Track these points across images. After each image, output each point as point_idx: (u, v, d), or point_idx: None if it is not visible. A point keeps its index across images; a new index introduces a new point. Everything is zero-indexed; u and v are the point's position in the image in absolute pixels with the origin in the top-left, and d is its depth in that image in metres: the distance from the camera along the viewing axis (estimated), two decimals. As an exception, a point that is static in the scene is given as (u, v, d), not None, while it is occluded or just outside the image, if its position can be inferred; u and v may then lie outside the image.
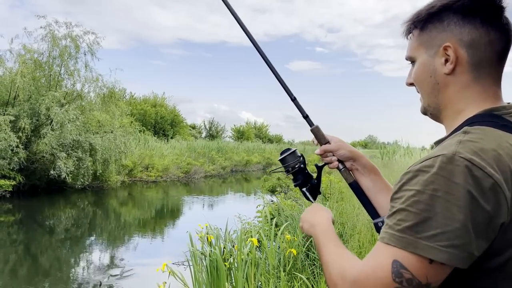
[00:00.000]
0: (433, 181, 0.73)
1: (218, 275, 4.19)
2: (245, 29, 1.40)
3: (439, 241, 0.71)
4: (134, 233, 10.27)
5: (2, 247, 8.28)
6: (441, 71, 0.88)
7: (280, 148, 43.60)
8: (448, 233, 0.71)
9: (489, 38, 0.85)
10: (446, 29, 0.87)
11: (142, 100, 37.35)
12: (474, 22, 0.85)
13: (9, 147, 13.45)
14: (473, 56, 0.85)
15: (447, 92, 0.89)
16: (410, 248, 0.72)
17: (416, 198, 0.74)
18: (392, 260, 0.74)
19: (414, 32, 0.93)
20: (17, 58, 15.96)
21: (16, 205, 13.17)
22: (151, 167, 21.38)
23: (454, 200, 0.71)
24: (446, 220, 0.71)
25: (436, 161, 0.75)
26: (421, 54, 0.92)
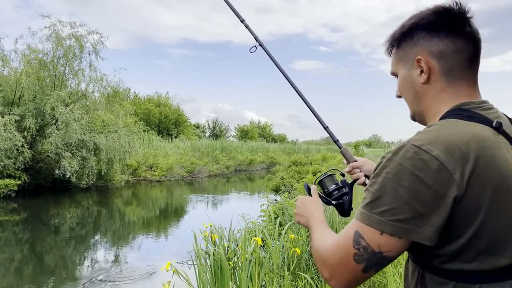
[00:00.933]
0: (387, 165, 0.87)
1: (222, 274, 4.20)
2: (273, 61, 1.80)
3: (387, 216, 0.84)
4: (138, 232, 10.30)
5: (8, 246, 8.33)
6: (418, 81, 1.00)
7: (284, 147, 43.60)
8: (394, 209, 0.83)
9: (455, 47, 0.95)
10: (417, 44, 0.99)
11: (146, 99, 37.44)
12: (439, 34, 0.96)
13: (15, 147, 13.52)
14: (443, 64, 0.96)
15: (426, 99, 1.00)
16: (366, 221, 0.87)
17: (374, 180, 0.88)
18: (354, 230, 0.89)
19: (393, 50, 1.07)
20: (22, 58, 16.04)
21: (22, 204, 13.25)
22: (155, 167, 21.43)
23: (401, 181, 0.83)
24: (393, 199, 0.84)
25: (394, 149, 0.88)
26: (401, 68, 1.05)
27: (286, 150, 41.54)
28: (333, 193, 1.36)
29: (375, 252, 0.86)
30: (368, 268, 0.88)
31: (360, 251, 0.87)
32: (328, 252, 0.94)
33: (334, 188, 1.36)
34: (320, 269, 0.97)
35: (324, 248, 0.96)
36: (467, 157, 0.83)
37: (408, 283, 0.99)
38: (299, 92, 1.71)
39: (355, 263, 0.88)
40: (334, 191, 1.36)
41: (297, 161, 20.50)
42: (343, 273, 0.91)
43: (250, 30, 1.86)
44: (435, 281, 0.90)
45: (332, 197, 1.35)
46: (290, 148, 43.96)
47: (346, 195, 1.36)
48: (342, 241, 0.91)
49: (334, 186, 1.36)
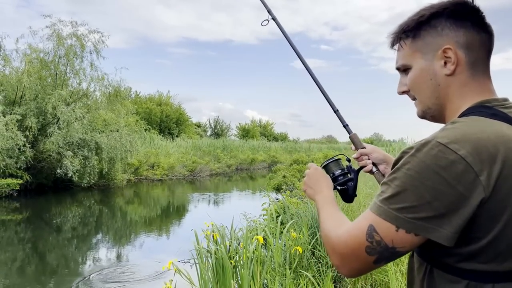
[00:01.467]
0: (409, 161, 0.84)
1: (224, 273, 4.21)
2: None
3: (406, 213, 0.82)
4: (140, 231, 10.31)
5: (10, 245, 8.35)
6: (441, 73, 0.94)
7: (286, 146, 43.57)
8: (415, 207, 0.81)
9: (481, 40, 0.94)
10: (441, 33, 0.94)
11: (148, 98, 37.45)
12: (466, 25, 0.93)
13: (16, 146, 13.55)
14: (470, 56, 0.93)
15: (448, 92, 0.95)
16: (383, 216, 0.85)
17: (395, 175, 0.86)
18: (368, 224, 0.87)
19: (406, 41, 0.99)
20: (23, 57, 16.07)
21: (24, 204, 13.28)
22: (156, 166, 21.45)
23: (423, 180, 0.81)
24: (414, 196, 0.81)
25: (417, 145, 0.85)
26: (418, 60, 0.97)
27: (287, 149, 41.52)
28: (338, 178, 1.34)
29: (388, 247, 0.85)
30: (379, 261, 0.88)
31: (373, 245, 0.86)
32: (339, 240, 0.93)
33: (340, 173, 1.34)
34: (330, 254, 0.96)
35: (336, 236, 0.94)
36: (495, 158, 0.79)
37: (413, 277, 0.97)
38: (311, 71, 1.68)
39: (367, 255, 0.88)
40: (340, 176, 1.34)
41: (298, 159, 20.50)
42: (353, 262, 0.91)
43: (263, 2, 1.81)
44: (445, 278, 0.87)
45: (337, 182, 1.33)
46: (292, 147, 43.94)
47: (351, 181, 1.35)
48: (355, 232, 0.90)
49: (339, 171, 1.35)
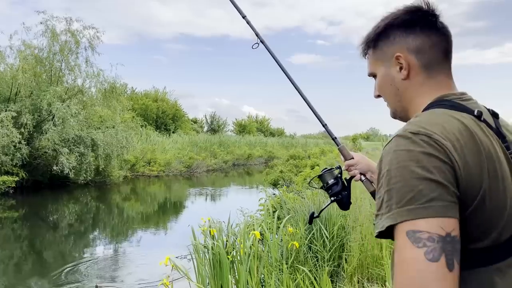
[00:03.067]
0: (396, 157, 0.83)
1: (221, 268, 4.22)
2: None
3: (418, 201, 0.78)
4: (137, 227, 10.31)
5: (7, 243, 8.33)
6: (398, 78, 1.03)
7: (282, 141, 43.61)
8: (422, 191, 0.78)
9: (431, 42, 1.00)
10: (394, 42, 1.02)
11: (144, 94, 37.31)
12: (415, 31, 1.00)
13: (12, 143, 13.48)
14: (422, 59, 1.00)
15: (407, 94, 1.03)
16: (410, 216, 0.78)
17: (389, 177, 0.83)
18: (404, 235, 0.78)
19: (369, 52, 1.09)
20: (18, 54, 15.95)
21: (20, 201, 13.24)
22: (153, 162, 21.42)
23: (417, 164, 0.81)
24: (416, 182, 0.79)
25: (392, 143, 0.86)
26: (379, 68, 1.07)
27: (284, 144, 41.55)
28: (332, 187, 1.48)
29: (442, 236, 0.76)
30: (450, 262, 0.75)
31: (427, 245, 0.76)
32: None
33: (333, 183, 1.48)
34: None
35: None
36: (460, 142, 0.84)
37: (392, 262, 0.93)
38: (299, 90, 1.76)
39: (432, 262, 0.75)
40: (333, 185, 1.48)
41: (295, 155, 20.52)
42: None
43: (252, 27, 1.88)
44: None
45: (331, 191, 1.48)
46: (288, 142, 43.97)
47: (344, 190, 1.48)
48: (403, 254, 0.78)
49: (333, 180, 1.48)
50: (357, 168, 1.49)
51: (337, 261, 4.61)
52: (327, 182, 1.49)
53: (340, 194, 1.47)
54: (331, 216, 5.06)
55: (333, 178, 1.49)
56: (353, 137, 27.97)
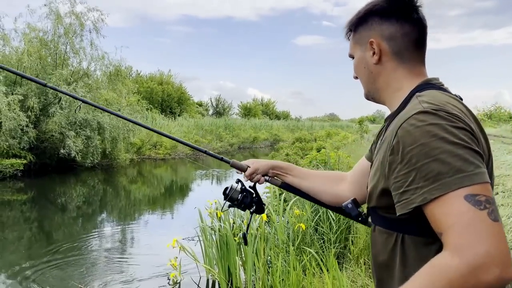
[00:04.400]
0: (428, 131, 0.86)
1: (228, 250, 4.26)
2: None
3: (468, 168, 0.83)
4: (144, 210, 10.41)
5: (17, 224, 8.45)
6: (371, 62, 1.10)
7: (288, 124, 43.51)
8: (468, 159, 0.83)
9: (403, 31, 1.06)
10: (370, 28, 1.10)
11: (149, 78, 37.21)
12: (390, 20, 1.07)
13: (19, 127, 13.55)
14: (393, 46, 1.07)
15: (380, 78, 1.11)
16: (465, 183, 0.82)
17: (425, 151, 0.85)
18: (462, 200, 0.81)
19: (350, 34, 1.17)
20: (22, 37, 15.90)
21: (28, 184, 13.38)
22: (159, 145, 21.50)
23: (453, 135, 0.85)
24: (459, 151, 0.84)
25: (413, 119, 0.89)
26: (357, 51, 1.15)
27: (289, 127, 41.47)
28: (244, 201, 1.52)
29: (493, 198, 0.83)
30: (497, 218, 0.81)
31: (487, 206, 0.80)
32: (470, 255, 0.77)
33: (243, 196, 1.52)
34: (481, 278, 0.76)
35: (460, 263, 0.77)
36: (471, 119, 0.93)
37: (379, 251, 1.04)
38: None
39: (495, 222, 0.79)
40: (244, 199, 1.52)
41: (301, 137, 20.48)
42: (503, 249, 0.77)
43: None
44: (418, 242, 0.94)
45: (244, 204, 1.52)
46: (294, 125, 43.87)
47: (254, 197, 1.53)
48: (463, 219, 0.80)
49: (241, 195, 1.52)
50: (258, 173, 1.52)
51: (344, 243, 4.63)
52: (236, 199, 1.52)
53: (253, 203, 1.53)
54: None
55: (240, 193, 1.52)
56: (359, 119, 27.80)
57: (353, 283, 3.68)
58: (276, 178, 1.53)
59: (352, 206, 1.25)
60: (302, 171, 1.52)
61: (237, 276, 4.25)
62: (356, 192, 1.36)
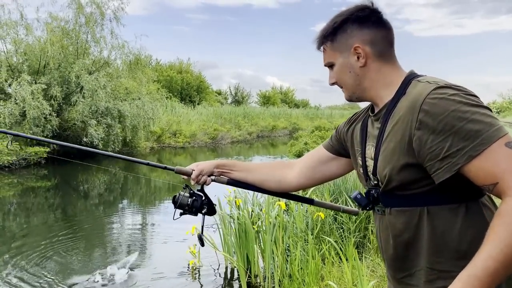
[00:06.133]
0: (454, 100, 0.98)
1: (247, 238, 4.27)
2: None
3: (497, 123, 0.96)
4: (163, 197, 10.54)
5: (41, 211, 8.68)
6: (356, 65, 1.19)
7: (307, 113, 43.24)
8: (494, 118, 0.97)
9: (381, 34, 1.18)
10: (351, 35, 1.18)
11: (168, 66, 37.43)
12: (368, 25, 1.18)
13: (42, 115, 13.84)
14: (375, 49, 1.18)
15: (367, 78, 1.19)
16: (500, 134, 0.94)
17: (457, 116, 0.96)
18: (505, 147, 0.93)
19: (328, 44, 1.23)
20: (45, 26, 16.14)
21: (51, 171, 13.69)
22: (178, 133, 21.66)
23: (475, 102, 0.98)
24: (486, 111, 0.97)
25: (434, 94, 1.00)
26: (338, 58, 1.22)
27: (308, 116, 41.22)
28: (193, 205, 1.53)
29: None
30: None
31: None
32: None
33: (192, 201, 1.53)
34: None
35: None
36: None
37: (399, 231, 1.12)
38: None
39: None
40: (194, 202, 1.53)
41: (320, 126, 20.33)
42: None
43: None
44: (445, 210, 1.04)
45: (195, 208, 1.53)
46: (313, 114, 43.57)
47: (204, 199, 1.54)
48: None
49: (190, 199, 1.53)
50: (203, 174, 1.56)
51: (363, 232, 4.58)
52: (187, 204, 1.53)
53: (203, 205, 1.54)
54: (357, 187, 5.01)
55: (189, 198, 1.53)
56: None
57: (372, 273, 3.64)
58: (222, 177, 1.57)
59: (361, 197, 1.27)
60: (246, 165, 1.60)
61: (255, 264, 4.26)
62: (307, 176, 1.49)
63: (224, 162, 1.59)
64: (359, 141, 1.29)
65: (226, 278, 4.66)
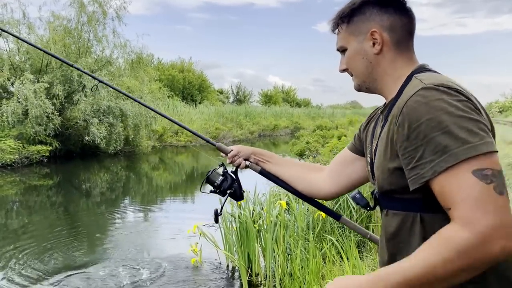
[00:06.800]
0: (434, 106, 0.89)
1: (248, 236, 4.29)
2: None
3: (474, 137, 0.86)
4: (165, 196, 10.57)
5: (43, 209, 8.71)
6: (371, 52, 1.11)
7: (309, 112, 43.22)
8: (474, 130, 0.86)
9: (402, 22, 1.09)
10: (369, 18, 1.10)
11: (170, 65, 37.43)
12: (389, 11, 1.09)
13: (45, 114, 13.88)
14: (393, 36, 1.09)
15: (379, 68, 1.11)
16: (470, 154, 0.84)
17: (432, 125, 0.88)
18: (470, 175, 0.84)
19: (342, 26, 1.15)
20: (47, 25, 16.17)
21: (54, 170, 13.74)
22: (180, 132, 21.70)
23: (458, 109, 0.88)
24: (466, 123, 0.87)
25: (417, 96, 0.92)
26: (351, 42, 1.13)
27: (310, 115, 41.19)
28: (222, 184, 1.55)
29: (498, 171, 0.86)
30: (503, 191, 0.84)
31: (493, 180, 0.83)
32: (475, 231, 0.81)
33: (222, 180, 1.55)
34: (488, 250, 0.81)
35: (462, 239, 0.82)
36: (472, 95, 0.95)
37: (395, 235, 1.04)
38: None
39: (502, 196, 0.83)
40: (223, 182, 1.55)
41: (322, 125, 20.33)
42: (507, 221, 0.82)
43: None
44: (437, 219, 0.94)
45: (223, 187, 1.55)
46: (315, 113, 43.55)
47: (234, 181, 1.57)
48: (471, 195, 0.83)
49: (221, 178, 1.56)
50: (240, 156, 1.58)
51: (364, 231, 4.59)
52: (215, 182, 1.55)
53: (232, 187, 1.56)
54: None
55: (221, 175, 1.56)
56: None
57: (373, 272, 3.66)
58: (257, 165, 1.57)
59: (360, 196, 1.26)
60: (281, 159, 1.58)
61: (256, 263, 4.28)
62: (333, 181, 1.41)
63: (263, 151, 1.59)
64: (370, 139, 1.22)
65: (227, 277, 4.68)
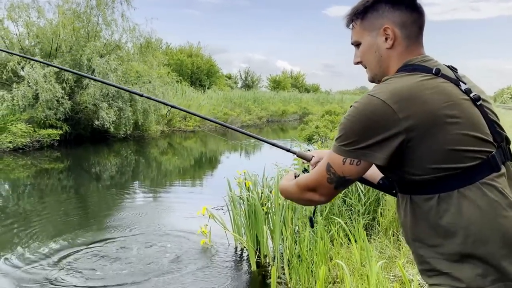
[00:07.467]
0: (349, 112, 1.10)
1: (256, 219, 4.33)
2: None
3: (348, 146, 1.09)
4: (175, 179, 10.66)
5: (54, 192, 8.85)
6: (383, 47, 1.21)
7: (318, 97, 42.93)
8: (349, 141, 1.09)
9: (412, 18, 1.19)
10: (382, 15, 1.20)
11: (178, 50, 37.29)
12: (400, 7, 1.19)
13: (55, 98, 13.98)
14: (404, 32, 1.19)
15: (388, 62, 1.21)
16: (334, 150, 1.13)
17: (341, 122, 1.13)
18: (326, 162, 1.15)
19: (357, 22, 1.25)
20: (56, 9, 16.17)
21: (64, 153, 13.89)
22: (189, 117, 21.73)
23: (356, 120, 1.08)
24: (351, 133, 1.08)
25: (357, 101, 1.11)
26: (365, 37, 1.24)
27: (319, 100, 40.94)
28: None
29: (341, 176, 1.13)
30: (337, 187, 1.16)
31: (331, 176, 1.14)
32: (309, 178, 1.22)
33: None
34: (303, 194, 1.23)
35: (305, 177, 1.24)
36: (409, 98, 1.05)
37: (401, 212, 1.20)
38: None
39: (329, 184, 1.16)
40: None
41: (330, 110, 20.21)
42: (322, 189, 1.18)
43: None
44: (422, 199, 1.10)
45: None
46: (324, 98, 43.26)
47: None
48: (319, 169, 1.18)
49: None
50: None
51: (372, 214, 4.61)
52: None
53: None
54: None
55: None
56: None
57: (380, 254, 3.68)
58: None
59: (383, 182, 1.39)
60: None
61: (264, 245, 4.33)
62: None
63: None
64: None
65: (235, 258, 4.74)
